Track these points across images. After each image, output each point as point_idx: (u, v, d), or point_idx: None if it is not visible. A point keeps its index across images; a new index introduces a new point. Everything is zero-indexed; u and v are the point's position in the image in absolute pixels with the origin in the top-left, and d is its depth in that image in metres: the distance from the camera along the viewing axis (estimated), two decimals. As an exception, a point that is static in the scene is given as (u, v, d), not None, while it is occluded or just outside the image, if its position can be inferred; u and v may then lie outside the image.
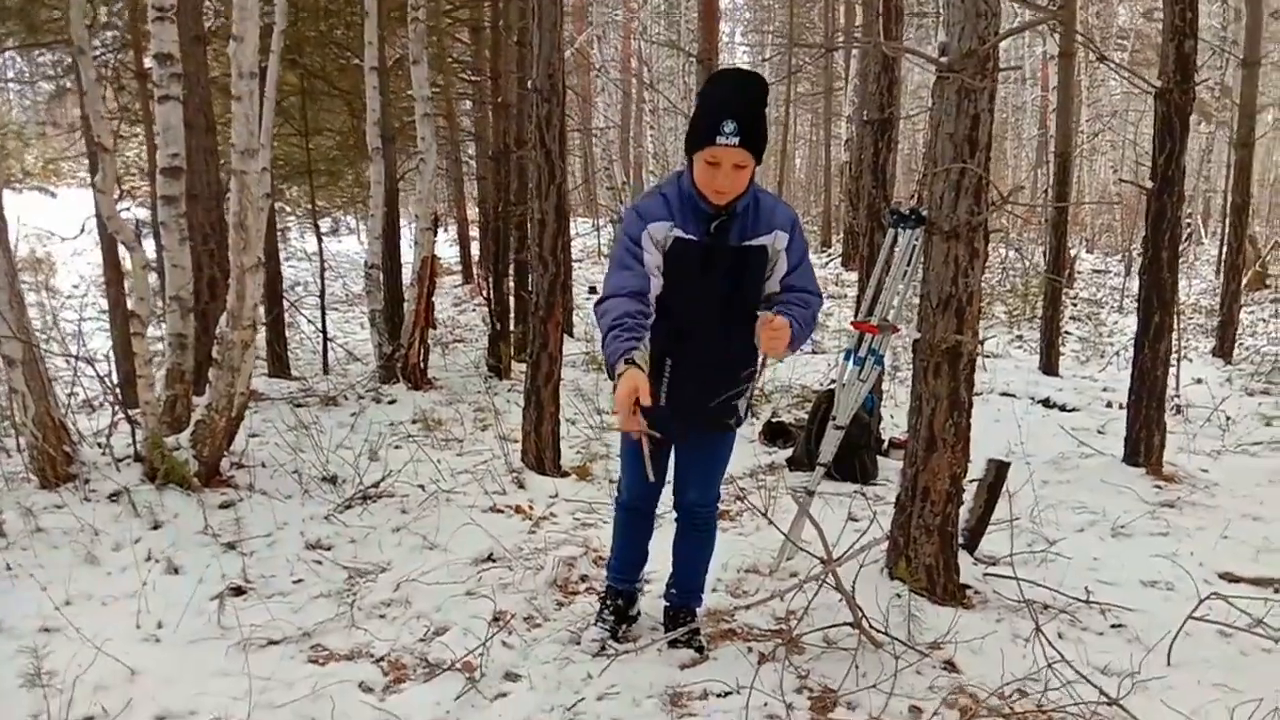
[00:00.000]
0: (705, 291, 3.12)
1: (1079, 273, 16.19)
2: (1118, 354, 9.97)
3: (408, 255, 9.21)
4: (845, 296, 14.12)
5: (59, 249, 14.68)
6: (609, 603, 3.70)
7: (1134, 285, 6.15)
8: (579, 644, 3.59)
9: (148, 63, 7.98)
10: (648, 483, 3.46)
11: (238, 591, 3.97)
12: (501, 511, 5.15)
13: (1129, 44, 22.69)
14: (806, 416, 6.49)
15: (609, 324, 2.90)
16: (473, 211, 17.37)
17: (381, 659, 3.51)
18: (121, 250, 6.75)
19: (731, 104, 2.87)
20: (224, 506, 4.83)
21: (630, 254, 3.03)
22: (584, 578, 4.28)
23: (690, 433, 3.38)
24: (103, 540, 4.28)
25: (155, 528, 4.50)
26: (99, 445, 5.11)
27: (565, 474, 5.95)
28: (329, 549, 4.52)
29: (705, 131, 2.89)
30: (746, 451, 6.47)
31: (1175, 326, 6.17)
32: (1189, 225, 18.64)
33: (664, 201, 3.08)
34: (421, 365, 8.53)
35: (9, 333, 4.46)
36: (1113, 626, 3.79)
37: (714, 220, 3.05)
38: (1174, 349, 6.23)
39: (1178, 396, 7.59)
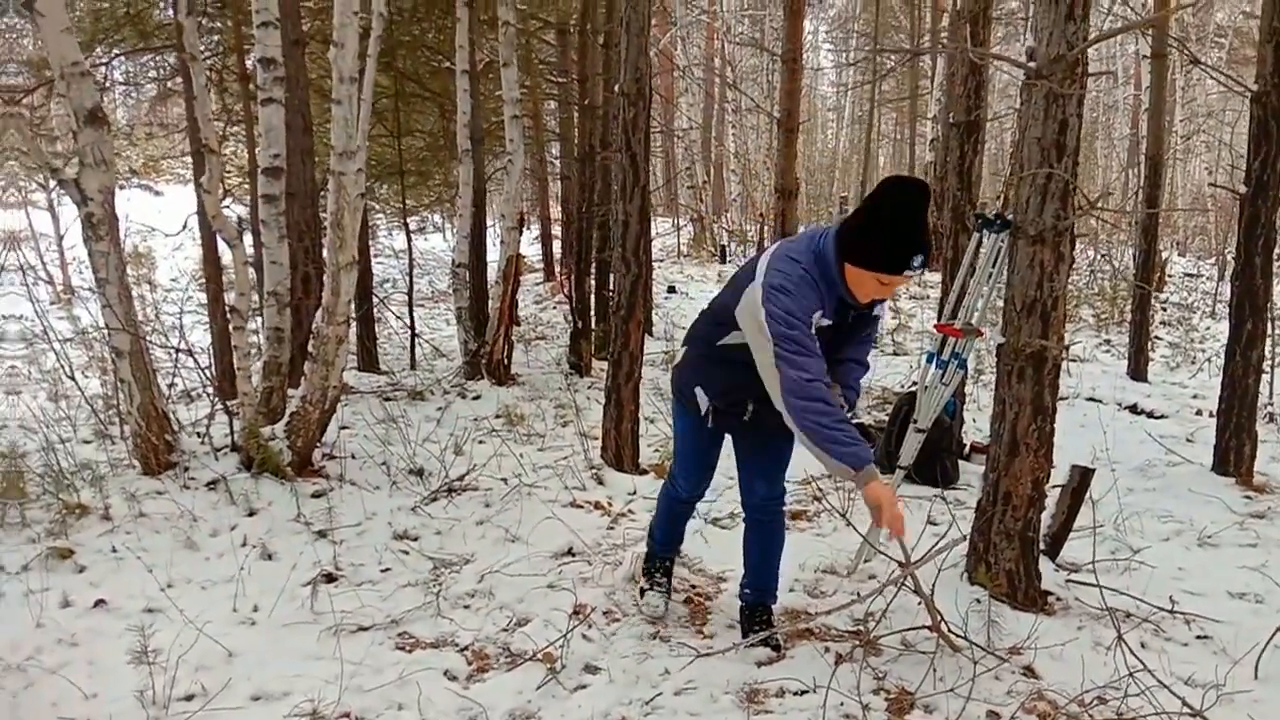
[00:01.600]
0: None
1: (1170, 276, 15.75)
2: (1209, 361, 9.69)
3: (493, 254, 9.36)
4: (928, 298, 13.93)
5: (159, 244, 15.20)
6: (657, 565, 3.93)
7: (1227, 290, 6.00)
8: (661, 640, 3.66)
9: (249, 64, 8.26)
10: (702, 479, 3.69)
11: (329, 578, 4.12)
12: (581, 507, 5.24)
13: (1227, 41, 21.97)
14: (887, 419, 6.46)
15: (838, 415, 2.98)
16: (556, 210, 17.53)
17: (466, 648, 3.61)
18: (221, 246, 6.99)
19: (919, 236, 2.93)
20: (316, 496, 5.00)
21: (809, 338, 3.02)
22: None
23: (750, 429, 3.47)
24: (201, 526, 4.47)
25: (251, 515, 4.68)
26: (198, 435, 5.33)
27: (644, 471, 6.02)
28: (416, 539, 4.66)
29: (893, 261, 2.94)
30: (825, 453, 6.46)
31: (1270, 333, 6.01)
32: (1289, 229, 17.98)
33: (817, 292, 3.06)
34: (505, 361, 8.67)
35: (118, 325, 4.67)
36: (1198, 638, 3.74)
37: (850, 310, 3.17)
38: (1268, 357, 6.07)
39: (1271, 405, 7.38)
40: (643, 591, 3.91)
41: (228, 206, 10.61)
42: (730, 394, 3.36)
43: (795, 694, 3.28)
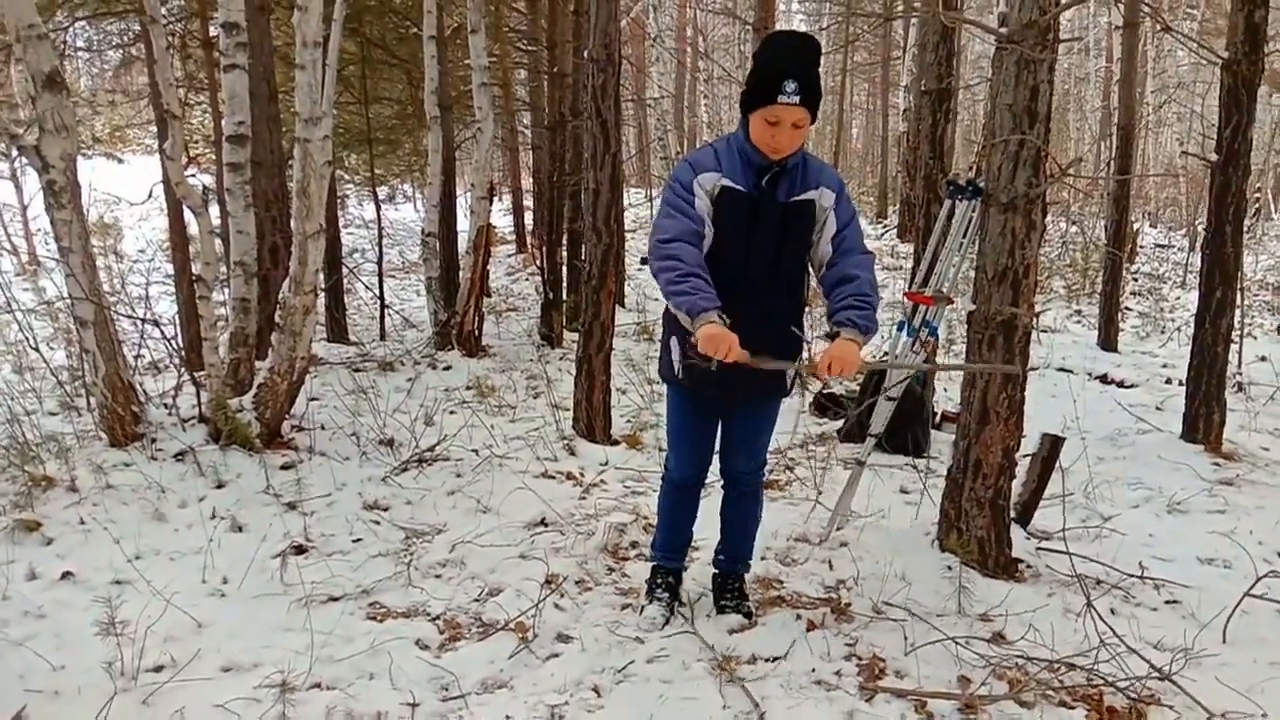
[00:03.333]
0: (754, 248, 3.14)
1: (1141, 247, 15.82)
2: (1179, 330, 9.77)
3: (463, 224, 9.28)
4: (901, 268, 13.95)
5: (126, 214, 14.97)
6: (660, 580, 3.70)
7: (1197, 260, 6.04)
8: (633, 609, 3.64)
9: (213, 31, 8.11)
10: (691, 458, 3.52)
11: (299, 550, 4.09)
12: (553, 477, 5.22)
13: (1199, 12, 22.02)
14: (858, 388, 6.47)
15: (685, 270, 2.94)
16: (527, 181, 17.38)
17: (437, 617, 3.60)
18: (187, 216, 6.88)
19: (791, 64, 2.94)
20: (285, 467, 4.96)
21: (683, 199, 3.08)
22: (634, 544, 4.34)
23: (737, 401, 3.41)
24: (169, 498, 4.42)
25: (219, 487, 4.63)
26: (165, 406, 5.26)
27: (616, 442, 6.00)
28: (386, 510, 4.63)
29: (766, 91, 2.95)
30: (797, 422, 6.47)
31: (1239, 303, 6.05)
32: (1257, 200, 18.15)
33: (713, 154, 3.16)
34: (476, 332, 8.61)
35: (81, 294, 4.59)
36: (1167, 603, 3.77)
37: (765, 174, 3.10)
38: (1237, 326, 6.12)
39: (1240, 374, 7.45)
40: (642, 608, 3.64)
41: (193, 175, 10.48)
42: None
43: (767, 660, 3.28)
